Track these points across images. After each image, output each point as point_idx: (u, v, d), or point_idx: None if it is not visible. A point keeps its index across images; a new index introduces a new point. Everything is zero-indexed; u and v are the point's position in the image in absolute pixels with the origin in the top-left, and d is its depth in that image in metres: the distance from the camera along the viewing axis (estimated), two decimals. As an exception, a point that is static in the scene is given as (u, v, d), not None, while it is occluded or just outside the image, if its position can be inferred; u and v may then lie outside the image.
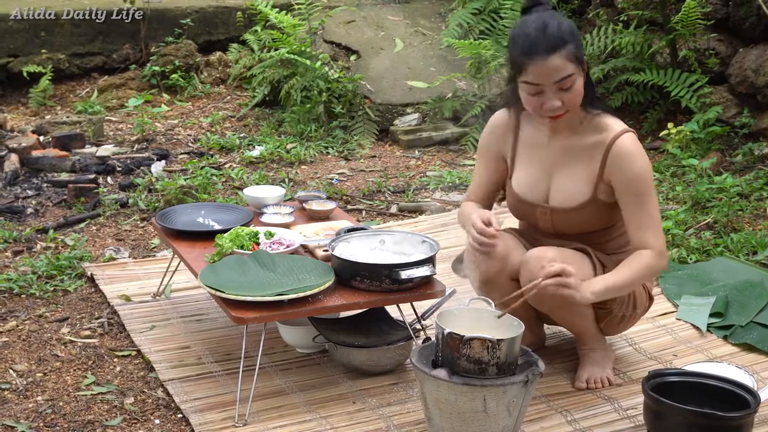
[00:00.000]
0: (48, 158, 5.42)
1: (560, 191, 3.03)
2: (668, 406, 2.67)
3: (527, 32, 2.87)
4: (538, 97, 2.90)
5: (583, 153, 3.00)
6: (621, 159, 2.93)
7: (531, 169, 3.09)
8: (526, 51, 2.85)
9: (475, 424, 2.66)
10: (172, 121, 6.66)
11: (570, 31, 2.87)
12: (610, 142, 2.95)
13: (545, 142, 3.07)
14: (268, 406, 3.00)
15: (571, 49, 2.85)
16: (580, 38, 2.93)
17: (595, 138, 2.99)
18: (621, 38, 5.89)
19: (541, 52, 2.83)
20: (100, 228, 4.68)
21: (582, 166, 3.01)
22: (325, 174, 5.57)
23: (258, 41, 7.26)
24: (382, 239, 3.25)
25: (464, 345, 2.64)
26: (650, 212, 2.94)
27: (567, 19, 2.92)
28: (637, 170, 2.93)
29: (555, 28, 2.85)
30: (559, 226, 3.06)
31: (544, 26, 2.85)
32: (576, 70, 2.87)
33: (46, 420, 2.97)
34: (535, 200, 3.08)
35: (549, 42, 2.83)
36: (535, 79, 2.87)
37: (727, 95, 5.70)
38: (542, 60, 2.83)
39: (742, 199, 4.77)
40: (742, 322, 3.50)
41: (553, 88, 2.87)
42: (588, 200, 3.00)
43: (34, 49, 7.14)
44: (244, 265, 3.09)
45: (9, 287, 3.91)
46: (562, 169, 3.04)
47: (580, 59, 2.88)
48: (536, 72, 2.85)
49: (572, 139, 3.03)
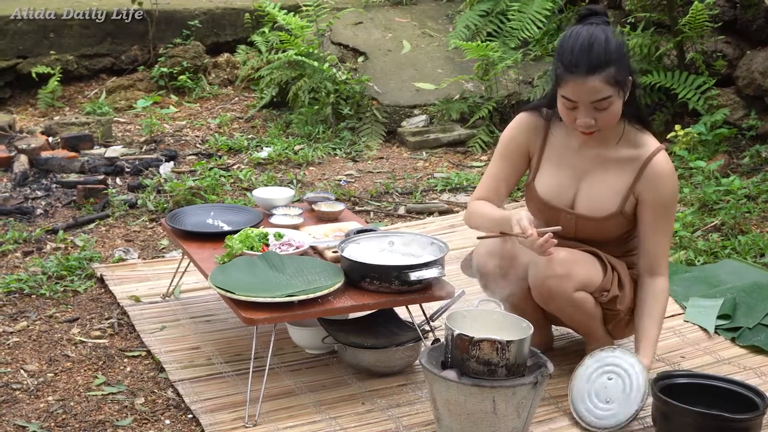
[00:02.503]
0: (57, 159, 5.44)
1: (588, 199, 3.04)
2: (677, 408, 2.68)
3: (573, 47, 2.84)
4: (573, 111, 2.90)
5: (616, 165, 3.01)
6: (657, 178, 2.96)
7: (559, 173, 3.08)
8: (568, 67, 2.84)
9: (484, 425, 2.68)
10: (180, 123, 6.68)
11: (617, 52, 2.83)
12: (647, 159, 2.96)
13: (576, 147, 3.06)
14: (278, 406, 3.01)
15: (611, 72, 2.82)
16: (627, 58, 2.89)
17: (630, 152, 3.00)
18: (628, 40, 5.89)
19: (582, 71, 2.82)
20: (110, 229, 4.70)
21: (614, 178, 3.01)
22: (332, 175, 5.59)
23: (266, 43, 7.28)
24: (391, 241, 3.26)
25: (473, 346, 2.66)
26: (668, 237, 3.03)
27: (617, 38, 2.88)
28: (669, 192, 2.99)
29: (601, 48, 2.81)
30: (581, 233, 3.07)
31: (590, 45, 2.82)
32: (614, 92, 2.85)
33: (57, 420, 2.99)
34: (560, 205, 3.07)
35: (591, 62, 2.81)
36: (572, 96, 2.86)
37: (734, 97, 5.70)
38: (581, 80, 2.82)
39: (749, 201, 4.77)
40: (750, 324, 3.51)
41: (588, 106, 2.86)
42: (615, 212, 3.01)
43: (42, 51, 7.16)
44: (254, 267, 3.11)
45: (19, 287, 3.93)
46: (592, 177, 3.04)
47: (621, 82, 2.85)
48: (574, 89, 2.85)
49: (606, 150, 3.03)
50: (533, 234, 2.83)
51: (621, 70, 2.85)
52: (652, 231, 2.99)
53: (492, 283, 3.09)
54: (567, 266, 2.94)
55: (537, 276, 2.97)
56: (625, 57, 2.88)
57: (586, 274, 2.97)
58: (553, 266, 2.94)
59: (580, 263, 2.97)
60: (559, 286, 2.94)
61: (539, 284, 2.97)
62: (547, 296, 2.98)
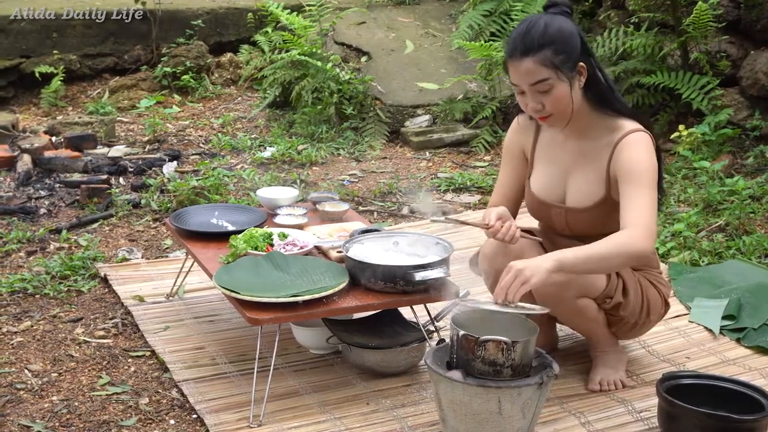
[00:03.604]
0: (60, 159, 5.44)
1: (575, 192, 3.04)
2: (683, 409, 2.68)
3: (514, 33, 2.92)
4: (522, 97, 2.94)
5: (596, 153, 3.01)
6: (622, 150, 2.92)
7: (548, 169, 3.11)
8: (507, 52, 2.92)
9: (489, 425, 2.67)
10: (184, 122, 6.68)
11: (557, 36, 2.85)
12: (618, 140, 2.95)
13: (561, 143, 3.08)
14: (283, 406, 3.01)
15: (547, 54, 2.84)
16: (574, 43, 2.88)
17: (607, 138, 2.99)
18: (632, 40, 5.89)
19: (516, 54, 2.88)
20: (113, 228, 4.70)
21: (594, 167, 3.01)
22: (336, 175, 5.58)
23: (269, 42, 7.28)
24: (395, 241, 3.26)
25: (479, 347, 2.65)
26: (640, 199, 2.83)
27: (564, 23, 2.89)
28: (636, 156, 2.89)
29: (539, 31, 2.85)
30: (573, 226, 3.07)
31: (527, 30, 2.87)
32: (552, 74, 2.86)
33: (61, 420, 2.99)
34: (551, 200, 3.09)
35: (525, 45, 2.86)
36: (514, 80, 2.92)
37: (738, 97, 5.69)
38: (517, 62, 2.88)
39: (753, 202, 4.76)
40: (755, 325, 3.50)
41: (531, 90, 2.90)
42: (602, 199, 3.00)
43: (45, 50, 7.16)
44: (259, 267, 3.10)
45: (23, 287, 3.93)
46: (576, 170, 3.05)
47: (559, 64, 2.85)
48: (513, 74, 2.91)
49: (586, 141, 3.03)
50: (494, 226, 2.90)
51: (560, 53, 2.85)
52: (623, 202, 2.86)
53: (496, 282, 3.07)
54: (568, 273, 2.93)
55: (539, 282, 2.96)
56: (569, 41, 2.87)
57: (587, 281, 2.96)
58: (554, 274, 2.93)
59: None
60: (561, 294, 2.93)
61: (542, 291, 2.97)
62: (549, 303, 2.98)
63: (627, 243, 2.79)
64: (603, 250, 2.79)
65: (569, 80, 2.89)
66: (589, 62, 2.93)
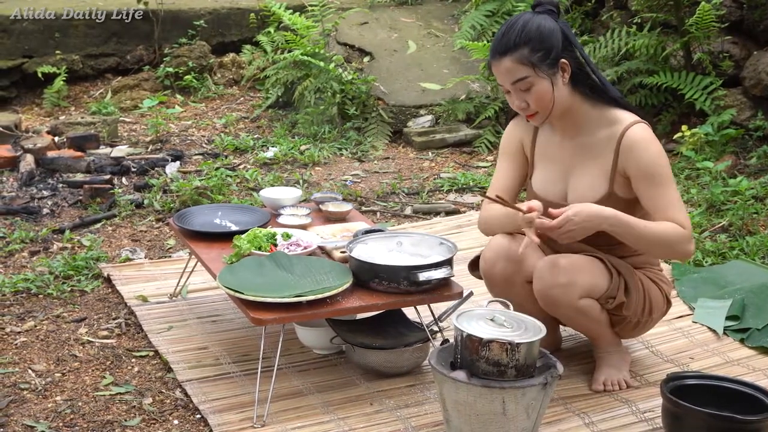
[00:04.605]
0: (63, 159, 5.45)
1: (577, 189, 3.03)
2: (687, 409, 2.67)
3: (496, 34, 2.96)
4: (509, 96, 2.98)
5: (595, 149, 3.00)
6: (633, 148, 2.92)
7: (549, 168, 3.11)
8: (489, 53, 2.95)
9: (493, 426, 2.67)
10: (186, 122, 6.68)
11: (534, 34, 2.87)
12: (621, 134, 2.94)
13: (559, 141, 3.08)
14: (287, 407, 3.01)
15: (524, 52, 2.87)
16: (551, 41, 2.88)
17: (606, 132, 2.99)
18: (635, 41, 5.89)
19: (495, 54, 2.93)
20: (116, 228, 4.70)
21: (596, 162, 3.00)
22: (339, 175, 5.58)
23: (271, 43, 7.27)
24: (399, 241, 3.26)
25: (483, 347, 2.65)
26: (670, 194, 2.90)
27: (544, 21, 2.90)
28: (651, 155, 2.91)
29: (517, 30, 2.88)
30: None
31: (507, 30, 2.90)
32: (531, 72, 2.88)
33: (65, 420, 2.99)
34: (553, 198, 3.08)
35: (503, 45, 2.90)
36: (497, 80, 2.97)
37: (741, 98, 5.69)
38: (496, 62, 2.93)
39: (757, 202, 4.76)
40: (759, 325, 3.50)
41: (514, 89, 2.93)
42: (605, 195, 2.99)
43: (48, 50, 7.17)
44: (262, 267, 3.10)
45: (26, 287, 3.93)
46: (577, 167, 3.04)
47: (536, 62, 2.87)
48: (495, 73, 2.96)
49: (583, 137, 3.03)
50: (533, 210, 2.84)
51: (537, 51, 2.87)
52: (650, 198, 2.91)
53: (497, 285, 3.08)
54: (570, 275, 2.93)
55: (541, 285, 2.96)
56: (547, 39, 2.88)
57: (590, 282, 2.95)
58: (556, 275, 2.93)
59: (585, 270, 2.95)
60: (564, 295, 2.93)
61: (544, 293, 2.97)
62: (552, 305, 2.98)
63: (679, 242, 2.88)
64: (656, 235, 2.86)
65: (550, 77, 2.91)
66: (572, 58, 2.93)
